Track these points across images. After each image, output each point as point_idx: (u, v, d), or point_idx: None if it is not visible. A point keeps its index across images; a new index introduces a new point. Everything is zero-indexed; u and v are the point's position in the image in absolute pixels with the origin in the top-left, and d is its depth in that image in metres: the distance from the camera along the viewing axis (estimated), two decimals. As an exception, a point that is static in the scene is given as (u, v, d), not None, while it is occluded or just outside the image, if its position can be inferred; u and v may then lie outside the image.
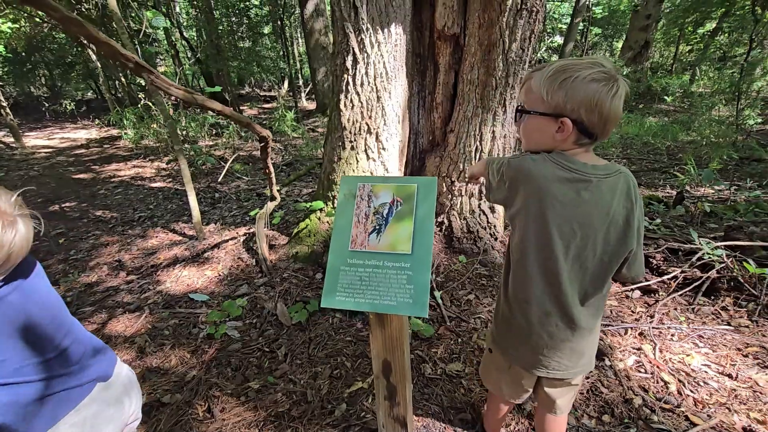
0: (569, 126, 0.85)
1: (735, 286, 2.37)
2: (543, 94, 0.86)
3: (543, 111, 0.88)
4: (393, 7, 2.03)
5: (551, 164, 0.88)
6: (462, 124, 2.38)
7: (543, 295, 0.96)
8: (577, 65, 0.85)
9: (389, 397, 1.18)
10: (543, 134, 0.90)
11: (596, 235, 0.90)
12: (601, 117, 0.85)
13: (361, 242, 0.98)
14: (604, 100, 0.83)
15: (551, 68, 0.86)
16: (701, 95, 9.59)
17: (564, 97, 0.84)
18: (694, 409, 1.62)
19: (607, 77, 0.83)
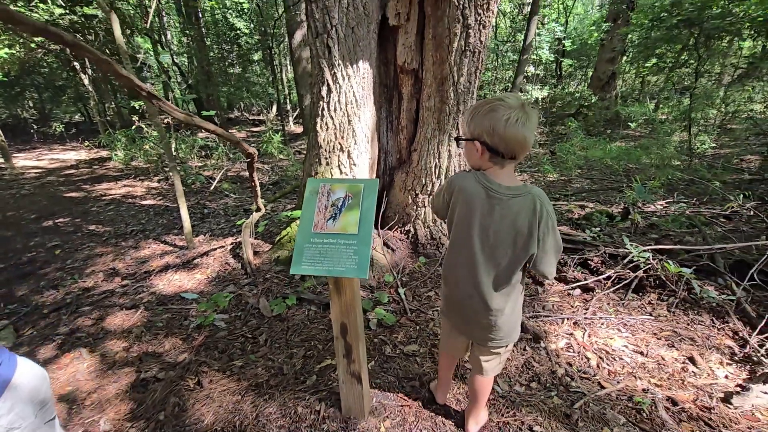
0: (479, 147, 1.13)
1: (660, 284, 2.75)
2: (466, 125, 1.16)
3: (466, 137, 1.17)
4: (360, 46, 2.43)
5: (473, 180, 1.17)
6: (423, 144, 2.77)
7: (465, 280, 1.25)
8: (486, 102, 1.11)
9: (347, 355, 1.49)
10: (471, 155, 1.18)
11: (506, 240, 1.16)
12: (500, 139, 1.09)
13: (321, 226, 1.31)
14: (498, 125, 1.08)
15: (471, 106, 1.17)
16: (662, 122, 10.31)
17: (474, 126, 1.12)
18: (607, 377, 1.95)
19: (504, 108, 1.08)
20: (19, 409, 0.98)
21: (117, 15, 3.12)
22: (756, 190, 4.89)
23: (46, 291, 3.06)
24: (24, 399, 1.00)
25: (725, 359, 2.06)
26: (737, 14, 5.04)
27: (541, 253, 1.17)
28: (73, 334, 2.36)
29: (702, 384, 1.87)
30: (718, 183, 4.92)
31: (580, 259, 3.08)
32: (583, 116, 10.67)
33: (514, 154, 1.13)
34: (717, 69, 9.54)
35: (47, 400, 1.08)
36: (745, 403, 1.71)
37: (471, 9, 2.25)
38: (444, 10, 2.31)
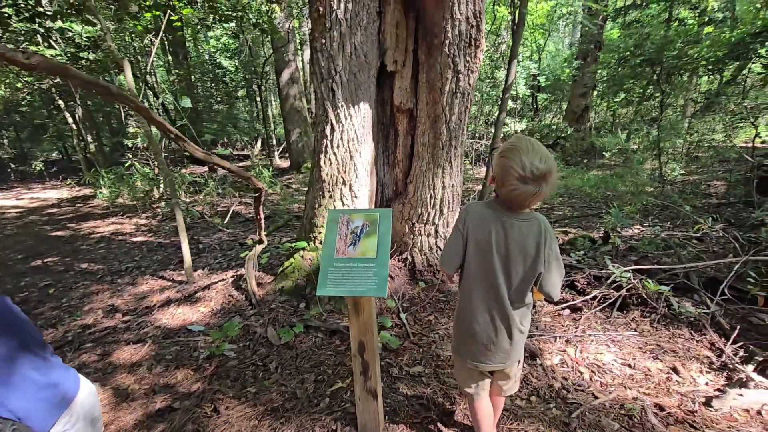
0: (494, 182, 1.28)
1: (641, 301, 2.95)
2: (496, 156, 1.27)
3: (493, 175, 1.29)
4: (361, 90, 2.67)
5: (486, 206, 1.31)
6: (418, 176, 2.98)
7: (488, 303, 1.34)
8: (510, 149, 1.21)
9: (364, 372, 1.60)
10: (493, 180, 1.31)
11: (518, 260, 1.28)
12: (505, 192, 1.23)
13: (343, 251, 1.46)
14: (507, 179, 1.20)
15: (507, 141, 1.26)
16: (635, 151, 10.96)
17: (495, 164, 1.26)
18: (600, 389, 2.10)
19: (517, 169, 1.17)
20: (80, 425, 1.06)
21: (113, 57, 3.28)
22: (723, 213, 5.26)
23: (44, 330, 3.05)
24: (83, 416, 1.08)
25: (704, 368, 2.24)
26: (692, 55, 5.59)
27: (547, 274, 1.29)
28: (81, 370, 2.37)
29: (685, 391, 2.04)
30: (688, 207, 5.28)
31: (567, 280, 3.28)
32: (561, 147, 11.24)
33: (512, 207, 1.27)
34: (681, 101, 10.28)
35: (99, 417, 1.16)
36: (724, 405, 1.88)
37: (460, 57, 2.53)
38: (436, 58, 2.58)
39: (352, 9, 2.44)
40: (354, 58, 2.53)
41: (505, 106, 3.68)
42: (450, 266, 1.39)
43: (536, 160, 1.16)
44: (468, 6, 2.39)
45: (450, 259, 1.38)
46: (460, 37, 2.47)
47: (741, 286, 2.93)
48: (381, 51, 2.70)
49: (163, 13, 4.20)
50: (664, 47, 5.81)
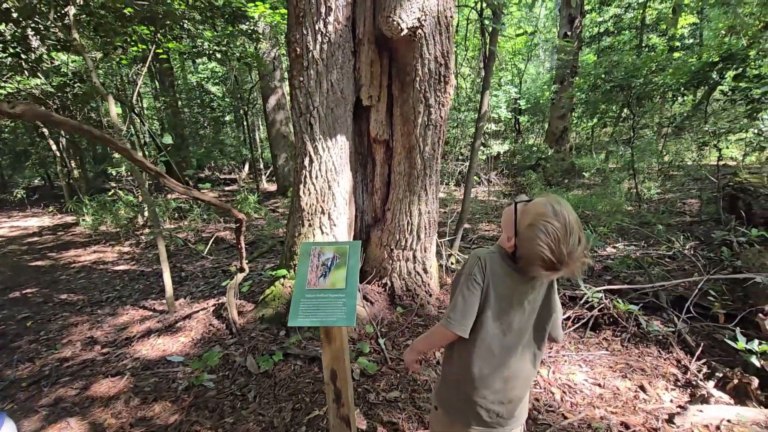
0: (511, 246, 1.11)
1: (613, 321, 3.05)
2: (520, 222, 1.09)
3: (514, 232, 1.10)
4: (338, 123, 2.79)
5: (499, 259, 1.15)
6: (396, 204, 3.09)
7: (506, 364, 1.18)
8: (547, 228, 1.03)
9: (336, 399, 1.65)
10: (505, 238, 1.15)
11: (536, 309, 1.18)
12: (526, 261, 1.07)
13: (314, 283, 1.54)
14: (532, 254, 1.04)
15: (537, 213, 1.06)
16: (612, 171, 11.32)
17: (524, 234, 1.06)
18: (570, 409, 2.17)
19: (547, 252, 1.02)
20: None
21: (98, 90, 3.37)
22: (695, 231, 5.47)
23: (21, 364, 3.01)
24: None
25: (670, 385, 2.33)
26: (657, 82, 5.92)
27: (556, 315, 1.23)
28: (58, 405, 2.36)
29: (651, 408, 2.12)
30: (661, 226, 5.48)
31: (542, 302, 3.37)
32: (542, 168, 11.55)
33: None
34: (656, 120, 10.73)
35: None
36: (685, 422, 1.96)
37: (431, 92, 2.68)
38: (409, 93, 2.74)
39: (328, 49, 2.59)
40: (331, 94, 2.67)
41: (479, 134, 3.85)
42: (465, 328, 1.13)
43: (572, 245, 1.01)
44: (436, 47, 2.56)
45: (465, 317, 1.13)
46: (430, 75, 2.63)
47: (707, 304, 3.06)
48: (357, 87, 2.84)
49: (149, 43, 4.33)
50: (631, 74, 6.13)
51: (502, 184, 11.64)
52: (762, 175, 6.65)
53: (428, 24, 2.49)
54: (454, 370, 1.25)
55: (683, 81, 5.35)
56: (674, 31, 11.70)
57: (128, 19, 3.77)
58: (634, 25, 12.96)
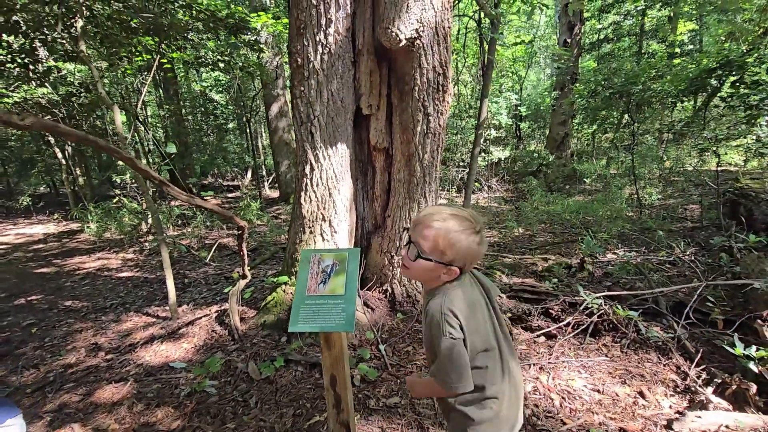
0: (456, 271, 1.15)
1: (612, 327, 3.06)
2: (442, 248, 1.11)
3: (440, 261, 1.12)
4: (339, 132, 2.84)
5: (461, 291, 1.16)
6: (396, 211, 3.12)
7: (506, 381, 1.21)
8: (466, 226, 1.12)
9: (336, 405, 1.68)
10: (433, 273, 1.15)
11: (493, 318, 1.23)
12: (474, 259, 1.17)
13: (314, 289, 1.57)
14: (477, 252, 1.15)
15: (450, 229, 1.11)
16: (614, 177, 11.34)
17: (456, 253, 1.11)
18: (569, 415, 2.18)
19: (477, 231, 1.14)
20: None
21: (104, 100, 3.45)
22: (696, 237, 5.47)
23: (26, 370, 3.05)
24: None
25: (669, 391, 2.34)
26: (655, 89, 5.96)
27: (494, 290, 1.32)
28: (62, 410, 2.39)
29: (649, 414, 2.13)
30: (662, 232, 5.48)
31: (542, 308, 3.39)
32: (543, 174, 11.58)
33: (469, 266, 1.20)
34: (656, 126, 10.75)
35: None
36: (683, 428, 1.97)
37: (430, 101, 2.73)
38: (408, 102, 2.79)
39: (328, 60, 2.64)
40: (331, 104, 2.72)
41: (479, 141, 3.90)
42: (468, 383, 1.13)
43: (471, 216, 1.15)
44: (434, 57, 2.61)
45: (463, 375, 1.12)
46: (428, 84, 2.68)
47: (706, 310, 3.07)
48: (357, 96, 2.89)
49: (154, 54, 4.42)
50: (630, 80, 6.18)
51: (503, 190, 11.66)
52: (763, 180, 6.65)
53: (426, 35, 2.55)
54: (480, 413, 1.21)
55: (681, 87, 5.39)
56: (674, 37, 11.77)
57: (134, 31, 3.86)
58: (633, 31, 13.03)
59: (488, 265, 4.68)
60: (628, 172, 9.39)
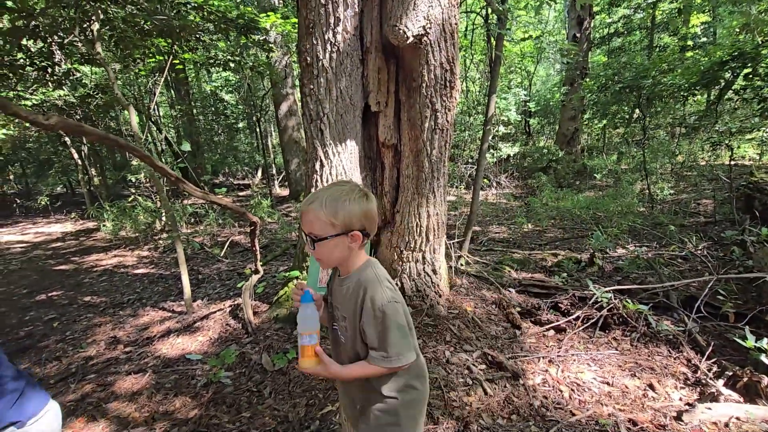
0: (359, 235, 1.13)
1: (622, 321, 3.06)
2: (328, 220, 1.10)
3: (336, 234, 1.11)
4: (348, 129, 2.89)
5: (386, 277, 1.18)
6: (405, 206, 3.16)
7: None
8: (343, 192, 1.12)
9: (348, 393, 1.72)
10: (339, 250, 1.14)
11: None
12: (372, 220, 1.16)
13: (325, 281, 1.62)
14: (369, 207, 1.15)
15: (325, 200, 1.11)
16: (625, 172, 11.21)
17: (347, 217, 1.10)
18: (578, 406, 2.20)
19: (362, 193, 1.15)
20: None
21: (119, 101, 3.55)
22: (709, 231, 5.41)
23: (48, 363, 3.17)
24: None
25: (679, 384, 2.34)
26: (666, 83, 5.90)
27: None
28: (84, 400, 2.49)
29: (659, 406, 2.14)
30: (673, 227, 5.43)
31: (552, 302, 3.40)
32: (553, 170, 11.50)
33: (374, 230, 1.21)
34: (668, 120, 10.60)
35: None
36: (693, 419, 1.98)
37: (437, 98, 2.76)
38: (415, 99, 2.82)
39: (337, 58, 2.69)
40: (340, 101, 2.77)
41: (487, 137, 3.91)
42: (413, 351, 1.16)
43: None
44: (441, 53, 2.63)
45: (413, 339, 1.19)
46: (436, 80, 2.71)
47: (718, 304, 3.06)
48: (365, 93, 2.93)
49: (166, 55, 4.51)
50: (640, 74, 6.12)
51: (513, 186, 11.61)
52: (779, 174, 6.53)
53: (433, 31, 2.57)
54: (409, 396, 1.22)
55: (693, 81, 5.32)
56: (686, 30, 11.57)
57: (147, 33, 3.94)
58: (644, 25, 12.84)
59: (498, 260, 4.69)
60: (639, 168, 9.28)
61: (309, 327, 1.17)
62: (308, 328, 1.17)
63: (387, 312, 1.09)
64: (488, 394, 2.31)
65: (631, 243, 5.17)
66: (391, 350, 1.10)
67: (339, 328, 1.26)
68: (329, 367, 1.17)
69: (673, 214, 6.41)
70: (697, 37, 11.76)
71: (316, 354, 1.16)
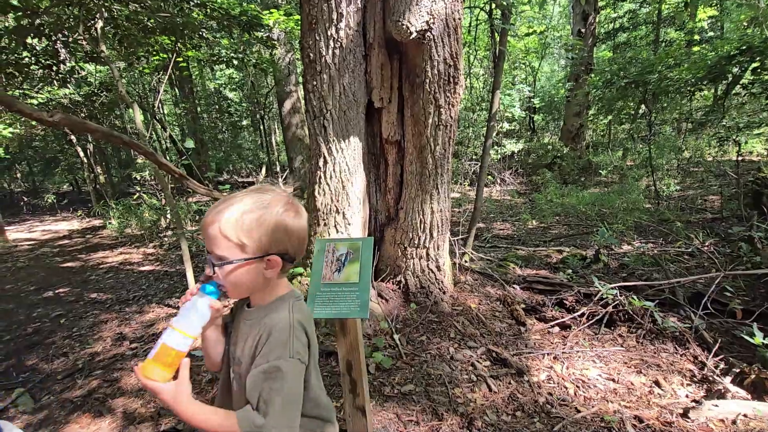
0: (277, 261, 0.89)
1: (628, 317, 3.04)
2: (237, 240, 0.84)
3: (247, 257, 0.86)
4: (351, 125, 2.88)
5: (302, 308, 0.95)
6: (408, 203, 3.16)
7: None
8: (262, 203, 0.87)
9: (352, 390, 1.73)
10: (251, 278, 0.89)
11: None
12: (300, 241, 0.93)
13: (329, 277, 1.62)
14: (297, 225, 0.91)
15: (237, 212, 0.85)
16: (630, 168, 11.12)
17: (263, 237, 0.86)
18: (583, 403, 2.19)
19: (289, 205, 0.90)
20: None
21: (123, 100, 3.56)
22: (716, 228, 5.36)
23: (56, 359, 3.19)
24: None
25: (686, 381, 2.33)
26: (672, 78, 5.83)
27: None
28: (91, 395, 2.51)
29: (665, 403, 2.13)
30: (680, 223, 5.39)
31: (557, 299, 3.39)
32: (558, 166, 11.43)
33: (302, 253, 0.98)
34: (675, 115, 10.50)
35: None
36: (700, 416, 1.97)
37: (441, 93, 2.75)
38: (419, 95, 2.80)
39: (340, 54, 2.68)
40: (343, 98, 2.76)
41: (491, 133, 3.89)
42: (297, 426, 0.88)
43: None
44: (445, 49, 2.62)
45: (298, 410, 0.89)
46: (439, 76, 2.69)
47: (725, 300, 3.03)
48: (368, 89, 2.92)
49: (170, 52, 4.52)
50: (646, 69, 6.06)
51: (517, 183, 11.56)
52: (788, 169, 6.45)
53: (437, 27, 2.55)
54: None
55: (700, 75, 5.26)
56: (693, 24, 11.43)
57: (151, 30, 3.95)
58: (650, 20, 12.69)
59: (502, 257, 4.68)
60: (645, 163, 9.21)
61: (190, 326, 0.88)
62: (188, 326, 0.88)
63: (283, 370, 0.84)
64: (493, 390, 2.31)
65: (637, 239, 5.14)
66: (268, 421, 0.82)
67: (233, 370, 0.96)
68: (179, 394, 0.84)
69: (680, 211, 6.36)
70: (704, 32, 11.62)
71: (177, 366, 0.86)
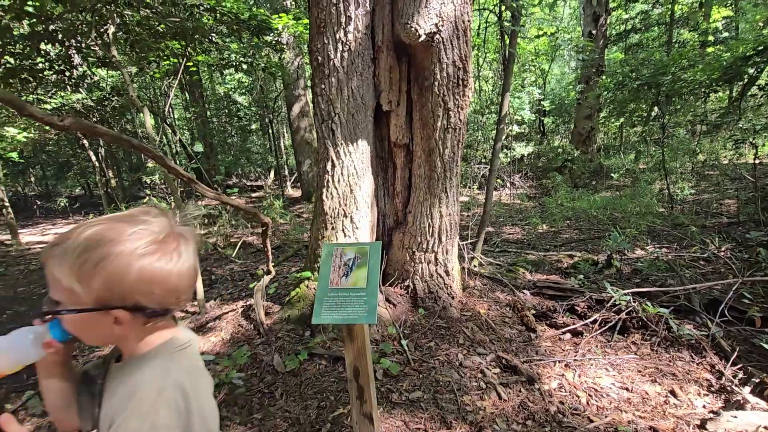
0: (126, 317, 0.67)
1: (642, 324, 2.97)
2: (72, 285, 0.64)
3: (82, 307, 0.65)
4: (359, 128, 2.87)
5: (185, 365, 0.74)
6: (417, 206, 3.13)
7: None
8: (115, 234, 0.65)
9: (359, 396, 1.70)
10: (103, 329, 0.69)
11: None
12: (168, 290, 0.69)
13: (336, 282, 1.60)
14: (169, 271, 0.68)
15: (75, 248, 0.64)
16: (643, 171, 10.95)
17: (109, 285, 0.64)
18: (596, 412, 2.13)
19: (159, 244, 0.68)
20: None
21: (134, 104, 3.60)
22: (732, 232, 5.24)
23: (65, 360, 3.21)
24: None
25: (703, 390, 2.25)
26: (686, 79, 5.73)
27: None
28: (99, 399, 2.51)
29: (682, 414, 2.06)
30: (695, 228, 5.27)
31: (568, 305, 3.32)
32: (569, 169, 11.31)
33: (182, 302, 0.76)
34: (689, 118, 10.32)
35: None
36: (718, 428, 1.90)
37: (450, 96, 2.72)
38: (427, 98, 2.78)
39: (348, 57, 2.67)
40: (351, 101, 2.75)
41: (500, 136, 3.85)
42: None
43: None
44: (454, 51, 2.59)
45: None
46: (448, 79, 2.66)
47: (743, 308, 2.94)
48: (377, 93, 2.91)
49: (180, 57, 4.56)
50: (659, 71, 5.97)
51: (527, 186, 11.45)
52: (806, 172, 6.29)
53: (446, 29, 2.53)
54: None
55: (715, 76, 5.16)
56: (707, 25, 11.26)
57: (161, 35, 3.99)
58: (662, 21, 12.54)
59: (512, 261, 4.62)
60: (658, 167, 9.06)
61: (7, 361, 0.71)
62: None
63: None
64: (502, 398, 2.26)
65: (651, 244, 5.04)
66: None
67: None
68: None
69: (694, 215, 6.23)
70: (719, 32, 11.44)
71: None
